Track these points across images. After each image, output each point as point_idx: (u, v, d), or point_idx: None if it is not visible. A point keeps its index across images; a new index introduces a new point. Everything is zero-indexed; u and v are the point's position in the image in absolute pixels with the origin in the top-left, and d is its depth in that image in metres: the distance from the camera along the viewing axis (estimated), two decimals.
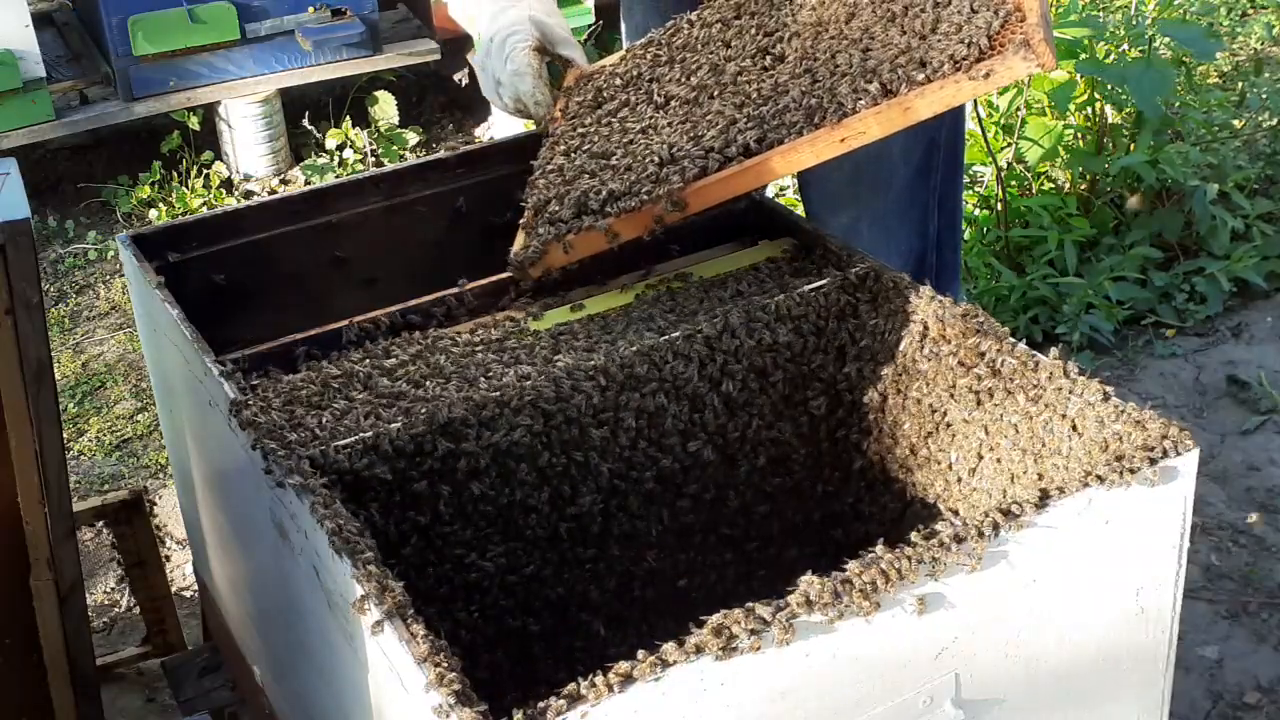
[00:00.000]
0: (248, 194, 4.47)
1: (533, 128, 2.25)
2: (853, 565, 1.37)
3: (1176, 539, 1.54)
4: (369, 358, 1.75)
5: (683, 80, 2.04)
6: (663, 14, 2.30)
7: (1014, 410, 1.68)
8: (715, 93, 1.97)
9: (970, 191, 3.84)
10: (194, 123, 4.45)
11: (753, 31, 2.05)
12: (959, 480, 1.76)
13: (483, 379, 1.70)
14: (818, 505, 1.94)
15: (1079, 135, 3.97)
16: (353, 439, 1.60)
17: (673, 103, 2.01)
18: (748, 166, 1.81)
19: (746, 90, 1.93)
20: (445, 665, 1.27)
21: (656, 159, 1.87)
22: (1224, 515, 2.96)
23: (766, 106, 1.86)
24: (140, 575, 2.57)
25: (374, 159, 4.59)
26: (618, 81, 2.13)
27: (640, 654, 1.28)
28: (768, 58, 1.98)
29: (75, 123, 4.30)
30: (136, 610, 2.70)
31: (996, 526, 1.41)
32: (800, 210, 2.51)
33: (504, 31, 2.14)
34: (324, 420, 1.63)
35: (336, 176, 4.49)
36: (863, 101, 1.76)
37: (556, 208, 1.91)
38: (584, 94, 2.14)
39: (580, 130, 2.06)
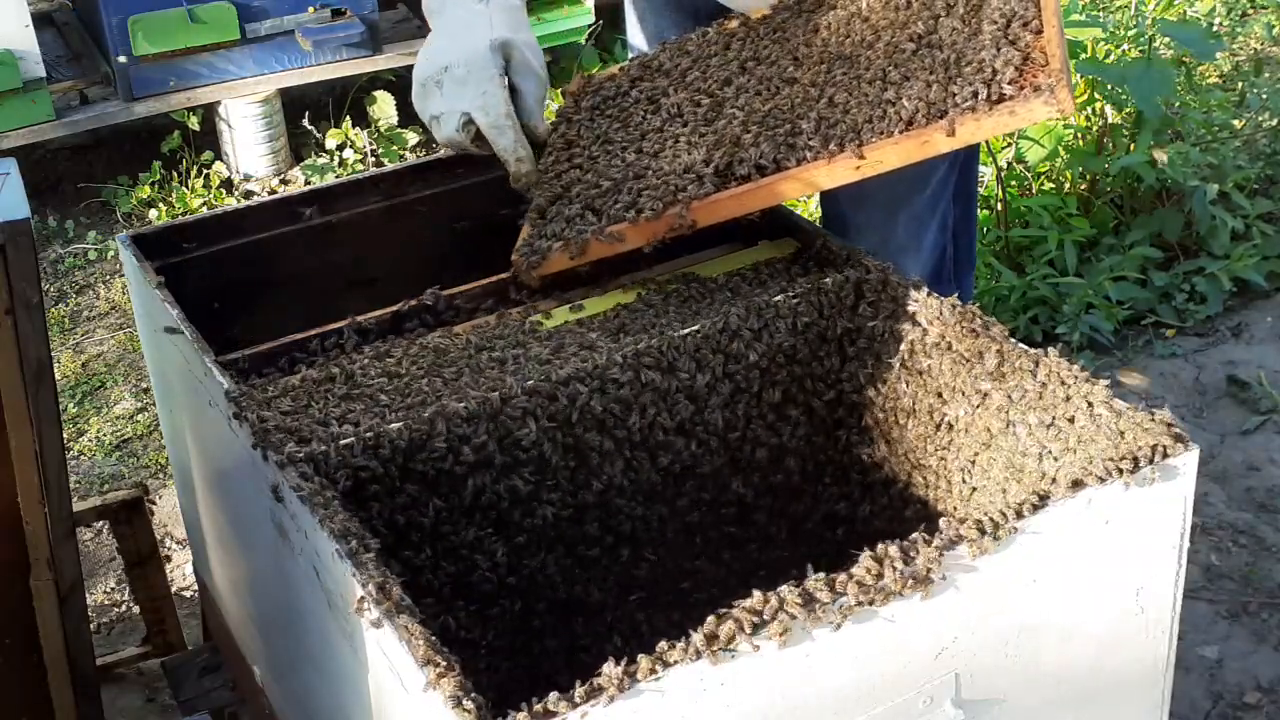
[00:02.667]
0: (248, 194, 4.47)
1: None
2: (853, 565, 1.37)
3: (1176, 539, 1.54)
4: (369, 358, 1.75)
5: (695, 95, 2.04)
6: (678, 24, 2.29)
7: (1013, 410, 1.68)
8: (727, 110, 1.97)
9: None
10: (194, 123, 4.44)
11: (766, 53, 2.05)
12: (959, 480, 1.76)
13: (483, 379, 1.70)
14: (818, 505, 1.94)
15: (1079, 135, 3.97)
16: (353, 439, 1.60)
17: (683, 116, 2.00)
18: (760, 185, 1.81)
19: (760, 110, 1.92)
20: (445, 665, 1.26)
21: (669, 171, 1.87)
22: (1224, 515, 2.96)
23: (781, 128, 1.86)
24: (140, 575, 2.56)
25: (374, 159, 4.59)
26: (626, 89, 2.13)
27: (640, 654, 1.28)
28: (781, 81, 1.98)
29: (75, 123, 4.30)
30: (136, 610, 2.70)
31: (996, 526, 1.41)
32: (800, 210, 2.50)
33: (464, 61, 1.94)
34: (324, 420, 1.63)
35: (336, 176, 4.49)
36: (882, 133, 1.76)
37: (562, 212, 1.90)
38: (590, 99, 2.14)
39: (587, 135, 2.06)
